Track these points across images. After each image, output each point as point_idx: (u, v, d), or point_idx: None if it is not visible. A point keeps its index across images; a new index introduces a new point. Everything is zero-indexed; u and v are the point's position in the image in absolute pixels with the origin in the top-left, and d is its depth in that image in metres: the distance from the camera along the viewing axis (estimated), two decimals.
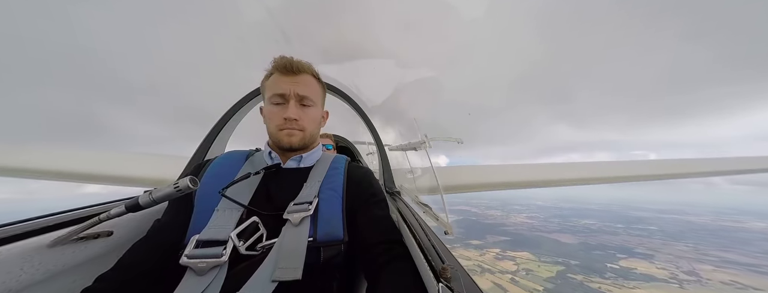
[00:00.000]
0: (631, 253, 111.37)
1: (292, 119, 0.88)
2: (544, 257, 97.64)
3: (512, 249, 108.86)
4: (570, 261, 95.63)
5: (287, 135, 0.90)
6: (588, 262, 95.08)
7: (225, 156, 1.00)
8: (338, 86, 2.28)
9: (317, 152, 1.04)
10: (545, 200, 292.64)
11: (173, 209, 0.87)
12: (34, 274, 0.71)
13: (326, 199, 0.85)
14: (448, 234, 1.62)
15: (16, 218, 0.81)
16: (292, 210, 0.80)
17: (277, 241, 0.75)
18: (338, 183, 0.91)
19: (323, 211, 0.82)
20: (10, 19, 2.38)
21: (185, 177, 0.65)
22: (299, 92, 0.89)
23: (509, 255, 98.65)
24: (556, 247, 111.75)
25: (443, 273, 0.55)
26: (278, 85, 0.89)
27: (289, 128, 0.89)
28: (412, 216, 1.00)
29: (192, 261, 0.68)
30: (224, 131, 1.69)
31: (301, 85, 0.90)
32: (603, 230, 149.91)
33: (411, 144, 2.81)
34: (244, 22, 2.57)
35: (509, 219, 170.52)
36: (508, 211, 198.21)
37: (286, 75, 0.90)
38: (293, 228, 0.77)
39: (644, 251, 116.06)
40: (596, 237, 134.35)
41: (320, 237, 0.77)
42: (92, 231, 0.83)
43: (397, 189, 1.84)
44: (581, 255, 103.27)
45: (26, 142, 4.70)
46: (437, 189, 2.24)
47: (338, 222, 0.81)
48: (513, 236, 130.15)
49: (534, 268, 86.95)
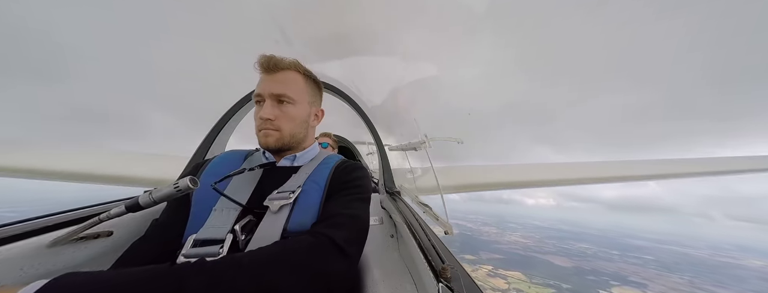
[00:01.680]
0: (625, 281, 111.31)
1: (266, 118, 0.85)
2: (535, 278, 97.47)
3: (505, 267, 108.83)
4: (562, 284, 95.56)
5: (263, 136, 0.88)
6: (580, 287, 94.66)
7: (223, 155, 1.00)
8: (339, 86, 2.28)
9: (312, 151, 1.02)
10: (543, 221, 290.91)
11: (171, 208, 0.87)
12: (34, 274, 0.71)
13: (307, 190, 0.84)
14: (448, 233, 1.62)
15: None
16: (274, 197, 0.80)
17: (257, 229, 0.75)
18: (323, 177, 0.89)
19: (301, 201, 0.81)
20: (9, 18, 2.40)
21: (185, 177, 0.65)
22: (274, 91, 0.86)
23: (501, 273, 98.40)
24: (550, 269, 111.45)
25: (443, 273, 0.55)
26: (259, 84, 0.89)
27: (265, 129, 0.87)
28: (412, 216, 1.00)
29: (189, 260, 0.68)
30: (224, 131, 1.69)
31: (278, 83, 0.87)
32: (598, 255, 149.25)
33: (411, 144, 2.81)
34: (244, 22, 2.57)
35: (504, 237, 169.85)
36: (504, 228, 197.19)
37: (266, 73, 0.88)
38: (272, 215, 0.76)
39: (638, 280, 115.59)
40: (591, 262, 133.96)
41: (291, 226, 0.75)
42: (92, 231, 0.83)
43: (397, 189, 1.84)
44: (574, 280, 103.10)
45: (26, 142, 4.69)
46: (437, 189, 2.24)
47: (314, 213, 0.79)
48: (507, 254, 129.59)
49: (525, 289, 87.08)
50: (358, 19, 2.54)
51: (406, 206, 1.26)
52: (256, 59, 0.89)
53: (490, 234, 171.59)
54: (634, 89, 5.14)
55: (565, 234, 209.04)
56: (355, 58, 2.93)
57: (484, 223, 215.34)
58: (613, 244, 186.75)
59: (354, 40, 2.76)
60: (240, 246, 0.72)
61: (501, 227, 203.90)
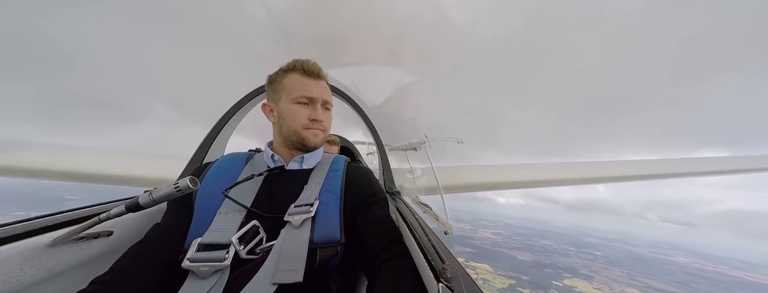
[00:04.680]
0: (576, 273, 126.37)
1: (319, 120, 0.92)
2: (500, 270, 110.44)
3: (475, 260, 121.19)
4: (522, 276, 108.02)
5: (313, 135, 0.93)
6: (537, 278, 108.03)
7: (224, 159, 1.00)
8: (338, 86, 2.28)
9: (318, 153, 1.04)
10: (513, 219, 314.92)
11: (173, 212, 0.87)
12: (34, 274, 0.71)
13: (325, 202, 0.85)
14: (448, 233, 1.62)
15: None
16: (293, 212, 0.80)
17: (277, 243, 0.74)
18: (337, 185, 0.91)
19: (321, 213, 0.82)
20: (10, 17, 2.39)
21: (185, 177, 0.65)
22: (325, 97, 0.95)
23: (472, 265, 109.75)
24: (513, 262, 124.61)
25: (443, 273, 0.55)
26: (305, 87, 0.92)
27: (315, 129, 0.93)
28: (412, 216, 1.00)
29: (194, 264, 0.68)
30: (224, 131, 1.69)
31: (325, 90, 0.96)
32: (557, 251, 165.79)
33: (411, 144, 2.81)
34: (243, 22, 2.56)
35: (476, 233, 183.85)
36: (477, 225, 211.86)
37: (310, 78, 0.93)
38: (294, 230, 0.77)
39: (587, 272, 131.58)
40: (550, 257, 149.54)
41: (317, 238, 0.77)
42: (92, 231, 0.82)
43: (397, 189, 1.84)
44: (533, 272, 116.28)
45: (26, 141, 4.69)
46: (437, 189, 2.24)
47: (336, 223, 0.81)
48: (478, 248, 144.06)
49: (490, 279, 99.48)
50: (358, 19, 2.53)
51: (406, 206, 1.26)
52: (267, 60, 0.92)
53: (464, 230, 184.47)
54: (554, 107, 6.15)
55: (530, 231, 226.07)
56: (355, 58, 2.92)
57: (459, 220, 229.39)
58: (571, 241, 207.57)
59: (354, 40, 2.76)
60: (241, 255, 0.72)
61: (475, 224, 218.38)
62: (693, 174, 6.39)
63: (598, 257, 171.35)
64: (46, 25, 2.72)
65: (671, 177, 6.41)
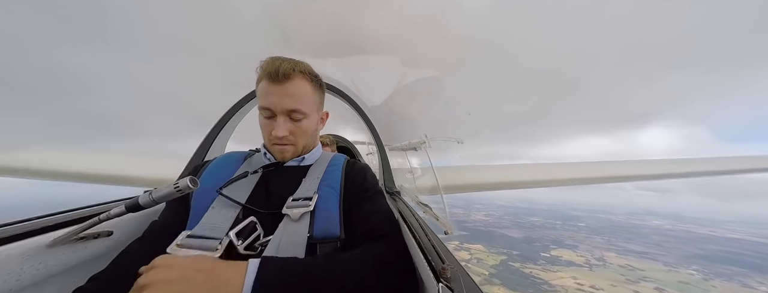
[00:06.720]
0: (561, 244, 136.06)
1: (279, 137, 0.83)
2: (493, 248, 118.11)
3: (469, 242, 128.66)
4: (512, 251, 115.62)
5: (279, 152, 0.89)
6: (526, 252, 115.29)
7: (223, 157, 0.99)
8: (338, 86, 2.28)
9: (318, 151, 1.03)
10: (505, 201, 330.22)
11: (170, 210, 0.86)
12: (34, 274, 0.71)
13: (324, 196, 0.83)
14: (448, 233, 1.62)
15: None
16: (292, 205, 0.79)
17: (274, 237, 0.73)
18: (336, 180, 0.89)
19: (321, 208, 0.80)
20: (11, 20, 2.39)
21: (185, 177, 0.65)
22: (288, 107, 0.81)
23: (466, 247, 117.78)
24: (504, 240, 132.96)
25: (443, 273, 0.55)
26: (265, 96, 0.81)
27: (280, 144, 0.86)
28: (412, 216, 1.00)
29: (182, 250, 0.66)
30: (224, 131, 1.69)
31: (289, 97, 0.81)
32: (545, 225, 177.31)
33: (411, 144, 2.81)
34: (243, 21, 2.56)
35: (470, 217, 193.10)
36: (470, 210, 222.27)
37: (273, 83, 0.80)
38: (292, 223, 0.76)
39: (571, 242, 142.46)
40: (538, 232, 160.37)
41: (317, 233, 0.75)
42: (92, 231, 0.82)
43: (397, 189, 1.84)
44: (523, 247, 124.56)
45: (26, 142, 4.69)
46: (437, 189, 2.24)
47: (335, 218, 0.79)
48: (471, 231, 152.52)
49: (484, 258, 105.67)
50: (357, 18, 2.53)
51: (406, 206, 1.26)
52: (259, 63, 0.84)
53: (458, 216, 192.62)
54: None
55: (520, 210, 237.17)
56: (355, 58, 2.92)
57: (454, 206, 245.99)
58: (558, 216, 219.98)
59: (354, 39, 2.76)
60: (239, 250, 0.70)
61: (468, 208, 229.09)
62: (693, 174, 6.45)
63: (581, 228, 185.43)
64: (57, 55, 2.78)
65: (669, 178, 6.45)
